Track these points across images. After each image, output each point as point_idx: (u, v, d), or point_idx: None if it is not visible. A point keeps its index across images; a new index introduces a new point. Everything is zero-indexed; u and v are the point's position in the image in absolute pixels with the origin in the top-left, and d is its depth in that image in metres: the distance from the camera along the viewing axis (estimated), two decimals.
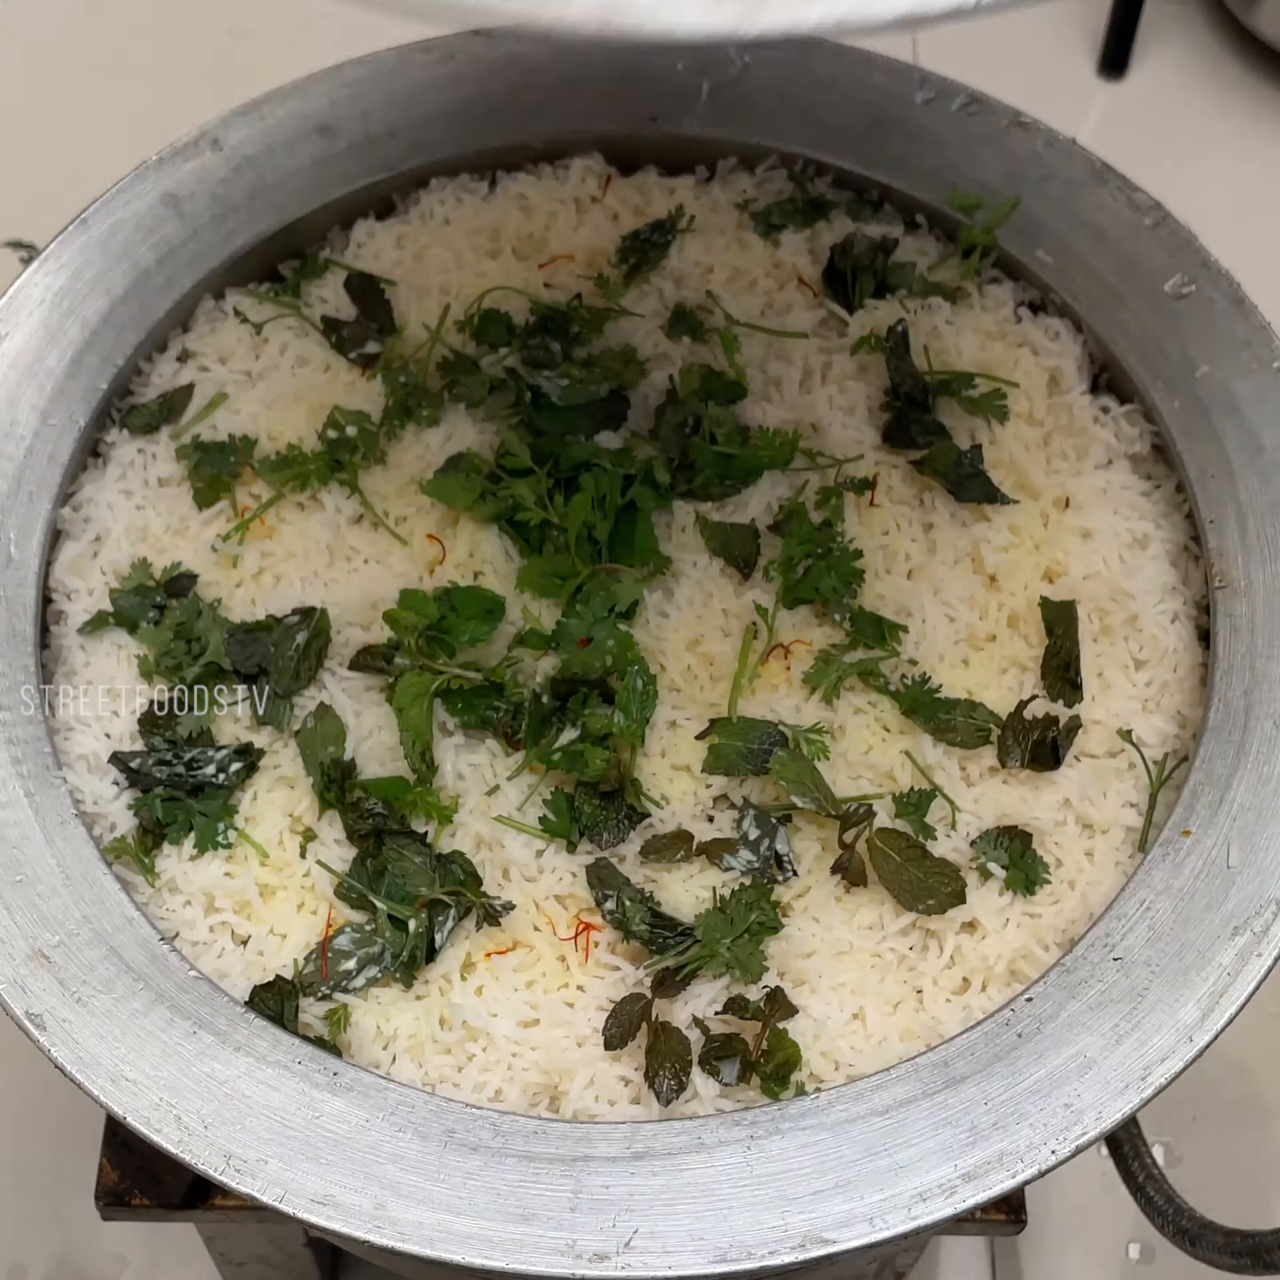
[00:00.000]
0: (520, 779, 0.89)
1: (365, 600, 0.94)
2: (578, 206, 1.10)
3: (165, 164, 1.07)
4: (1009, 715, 0.90)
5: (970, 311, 1.06)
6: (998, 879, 0.87)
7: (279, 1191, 0.76)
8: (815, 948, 0.85)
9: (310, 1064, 0.79)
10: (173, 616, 0.94)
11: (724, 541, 0.95)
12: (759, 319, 1.05)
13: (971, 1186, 0.76)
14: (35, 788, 0.87)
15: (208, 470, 0.99)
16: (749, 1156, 0.77)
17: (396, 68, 1.12)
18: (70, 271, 1.03)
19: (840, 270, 1.06)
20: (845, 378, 1.02)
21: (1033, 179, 1.07)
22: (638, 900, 0.85)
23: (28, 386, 0.99)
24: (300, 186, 1.08)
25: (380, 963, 0.85)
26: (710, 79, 1.11)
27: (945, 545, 0.97)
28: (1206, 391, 0.99)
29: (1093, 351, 1.05)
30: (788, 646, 0.93)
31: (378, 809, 0.87)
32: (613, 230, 1.09)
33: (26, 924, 0.83)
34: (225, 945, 0.87)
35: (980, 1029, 0.81)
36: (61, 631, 0.96)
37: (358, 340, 1.05)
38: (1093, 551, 0.97)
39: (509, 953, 0.86)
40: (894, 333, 1.02)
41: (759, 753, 0.87)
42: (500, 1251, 0.74)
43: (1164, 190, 1.07)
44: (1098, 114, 1.96)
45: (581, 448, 0.97)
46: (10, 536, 0.95)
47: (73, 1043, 0.79)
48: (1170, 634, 0.95)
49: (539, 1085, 0.83)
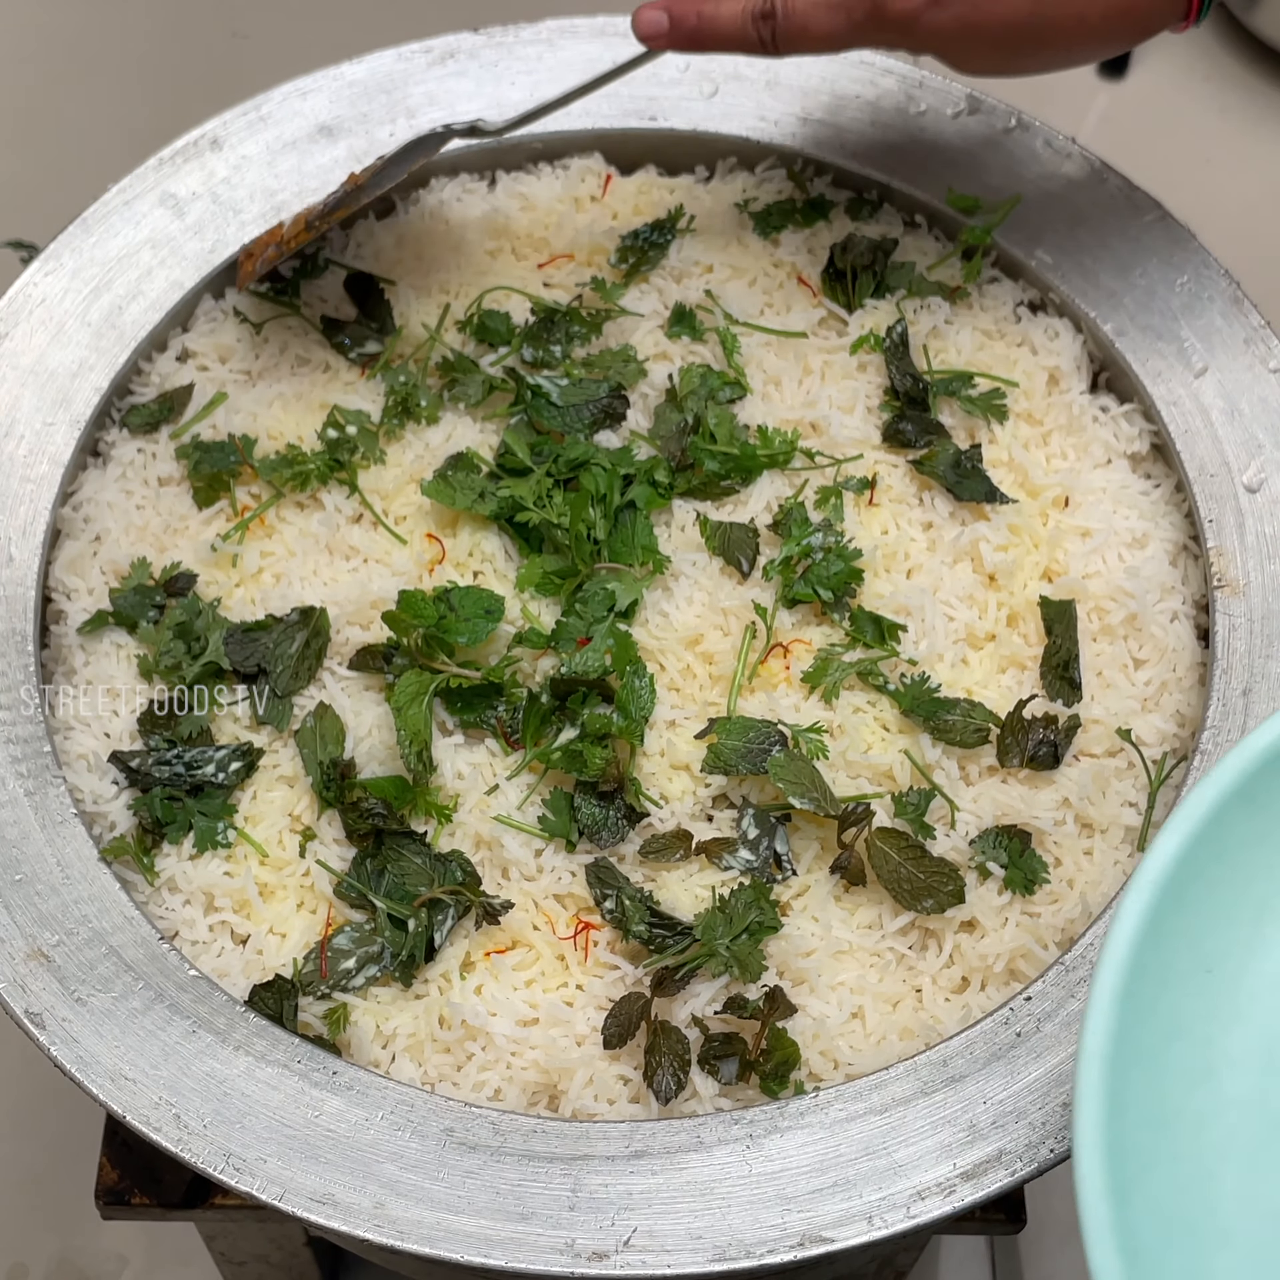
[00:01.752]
0: (519, 778, 0.89)
1: (365, 600, 0.94)
2: (577, 206, 1.11)
3: (165, 164, 1.07)
4: (1008, 715, 0.90)
5: (970, 311, 1.06)
6: (997, 878, 0.87)
7: (278, 1190, 0.76)
8: (814, 947, 0.85)
9: (309, 1063, 0.79)
10: (172, 616, 0.94)
11: (724, 541, 0.96)
12: (758, 318, 1.05)
13: (970, 1185, 0.76)
14: (35, 787, 0.87)
15: (207, 470, 0.99)
16: (748, 1155, 0.77)
17: (396, 68, 1.12)
18: (70, 271, 1.03)
19: (840, 270, 1.06)
20: (844, 377, 1.03)
21: (1033, 179, 1.08)
22: (637, 899, 0.85)
23: (28, 386, 0.99)
24: (300, 186, 1.08)
25: (379, 962, 0.85)
26: (710, 79, 1.11)
27: (944, 544, 0.97)
28: (1206, 391, 1.00)
29: (1092, 351, 1.05)
30: (787, 646, 0.93)
31: (377, 808, 0.87)
32: (613, 229, 1.09)
33: (26, 923, 0.83)
34: (225, 944, 0.87)
35: (979, 1028, 0.81)
36: (61, 631, 0.96)
37: (358, 340, 1.05)
38: (1092, 551, 0.97)
39: (508, 952, 0.86)
40: (893, 333, 1.02)
41: (758, 752, 0.87)
42: (499, 1250, 0.74)
43: (1164, 190, 1.07)
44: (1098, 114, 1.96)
45: (581, 447, 0.97)
46: (10, 536, 0.95)
47: (72, 1042, 0.79)
48: (1169, 633, 0.95)
49: (538, 1084, 0.83)
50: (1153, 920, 0.68)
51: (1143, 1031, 0.67)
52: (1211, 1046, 0.69)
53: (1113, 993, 0.66)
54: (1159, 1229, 0.64)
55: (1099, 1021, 0.66)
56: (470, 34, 1.13)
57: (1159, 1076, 0.67)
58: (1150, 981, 0.67)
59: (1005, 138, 1.09)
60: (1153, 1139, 0.66)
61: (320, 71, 1.11)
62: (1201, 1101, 0.68)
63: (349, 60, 1.12)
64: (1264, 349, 1.00)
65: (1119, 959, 0.67)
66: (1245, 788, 0.70)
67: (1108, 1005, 0.66)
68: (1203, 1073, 0.68)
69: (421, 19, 1.15)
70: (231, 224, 1.06)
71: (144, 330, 1.03)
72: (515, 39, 1.13)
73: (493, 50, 1.12)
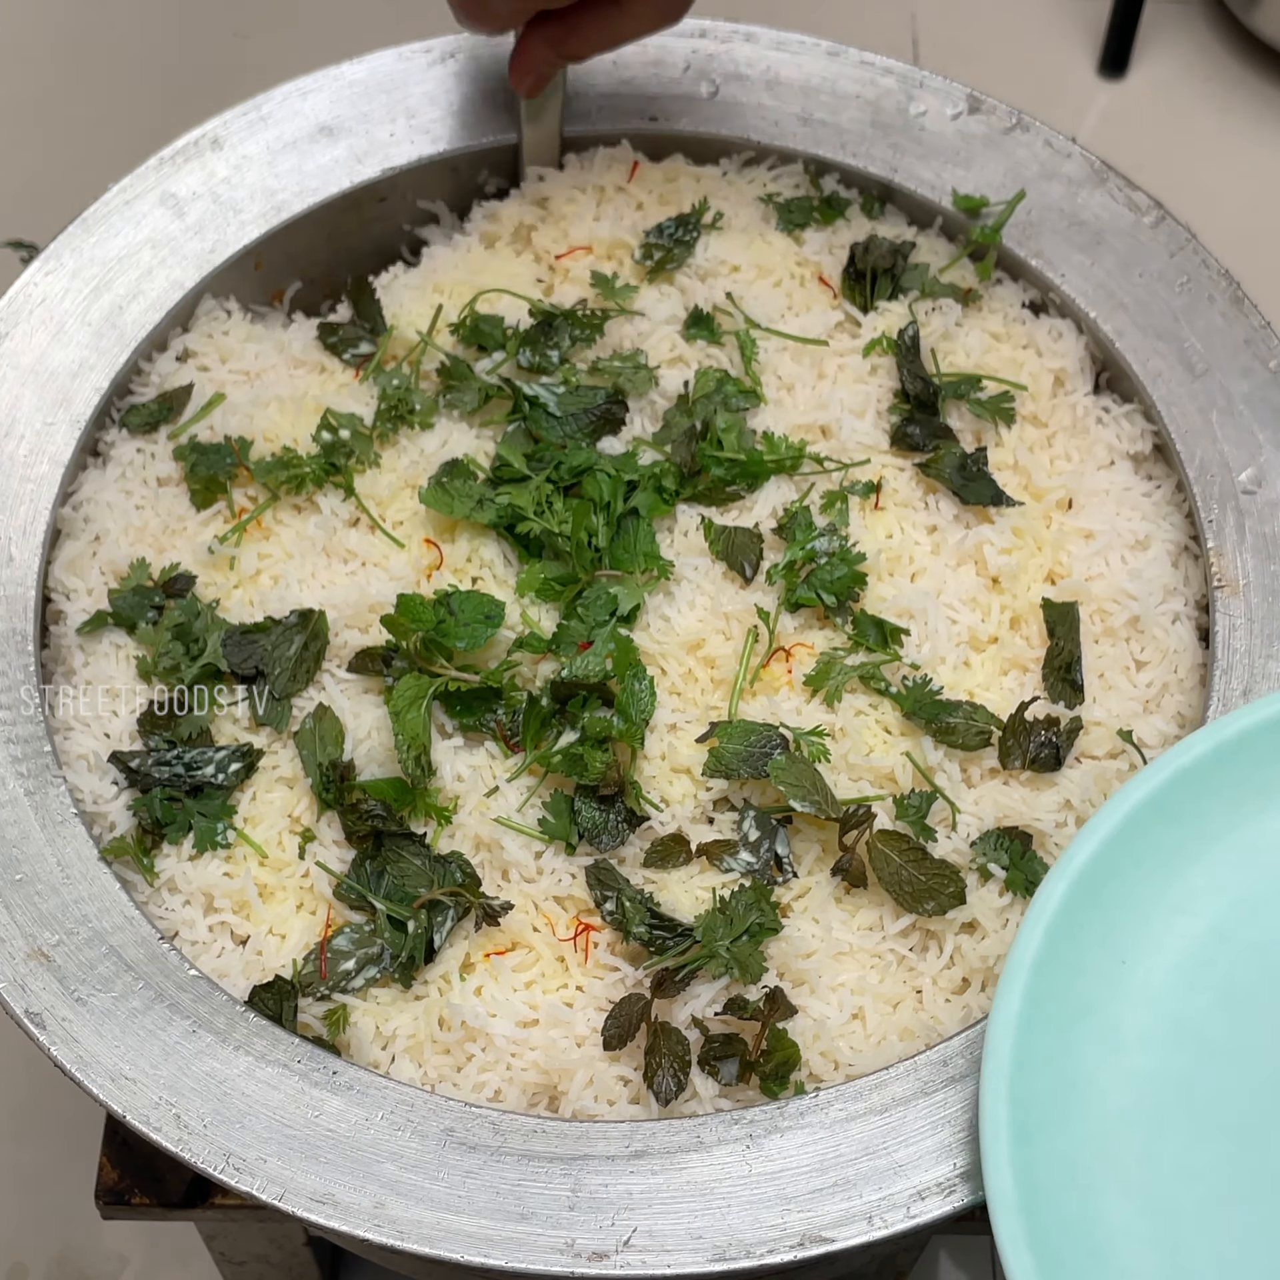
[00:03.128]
0: (520, 780, 0.89)
1: (363, 603, 0.93)
2: (601, 196, 1.10)
3: (165, 164, 1.07)
4: (1010, 717, 0.90)
5: (978, 313, 1.06)
6: (998, 880, 0.87)
7: (278, 1190, 0.76)
8: (815, 948, 0.85)
9: (309, 1063, 0.79)
10: (171, 617, 0.94)
11: (727, 545, 0.95)
12: (779, 321, 1.04)
13: (970, 1185, 0.76)
14: (35, 787, 0.87)
15: (204, 472, 0.99)
16: (748, 1155, 0.77)
17: (396, 68, 1.12)
18: (70, 271, 1.03)
19: (860, 270, 1.05)
20: (856, 380, 1.02)
21: (1033, 179, 1.07)
22: (637, 901, 0.85)
23: (28, 386, 0.99)
24: (300, 186, 1.08)
25: (379, 963, 0.85)
26: (710, 80, 1.11)
27: (948, 548, 0.97)
28: (1206, 391, 0.99)
29: (1093, 351, 1.05)
30: (789, 649, 0.93)
31: (376, 810, 0.87)
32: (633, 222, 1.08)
33: (26, 923, 0.83)
34: (224, 945, 0.87)
35: (979, 1028, 0.81)
36: (60, 631, 0.96)
37: (350, 341, 1.04)
38: (1095, 553, 0.97)
39: (508, 953, 0.86)
40: (905, 335, 1.02)
41: (759, 756, 0.87)
42: (499, 1250, 0.74)
43: (1164, 190, 1.07)
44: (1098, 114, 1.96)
45: (584, 454, 0.97)
46: (10, 536, 0.95)
47: (72, 1041, 0.79)
48: (1171, 635, 0.95)
49: (538, 1085, 0.83)
50: (1066, 910, 0.77)
51: (1054, 1006, 0.76)
52: (1120, 1027, 0.77)
53: (1027, 966, 0.76)
54: (1056, 1172, 0.73)
55: (1012, 986, 0.75)
56: (470, 34, 1.13)
57: (1067, 1046, 0.76)
58: (1064, 966, 0.76)
59: (1005, 138, 1.09)
60: (1057, 1098, 0.74)
61: (320, 71, 1.11)
62: (1109, 1073, 0.76)
63: (349, 60, 1.11)
64: (1264, 349, 1.00)
65: (1034, 936, 0.76)
66: (1161, 800, 0.79)
67: (1022, 977, 0.75)
68: (1111, 1049, 0.76)
69: (421, 19, 1.15)
70: (232, 224, 1.06)
71: (144, 330, 1.03)
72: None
73: (493, 50, 1.12)
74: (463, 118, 1.10)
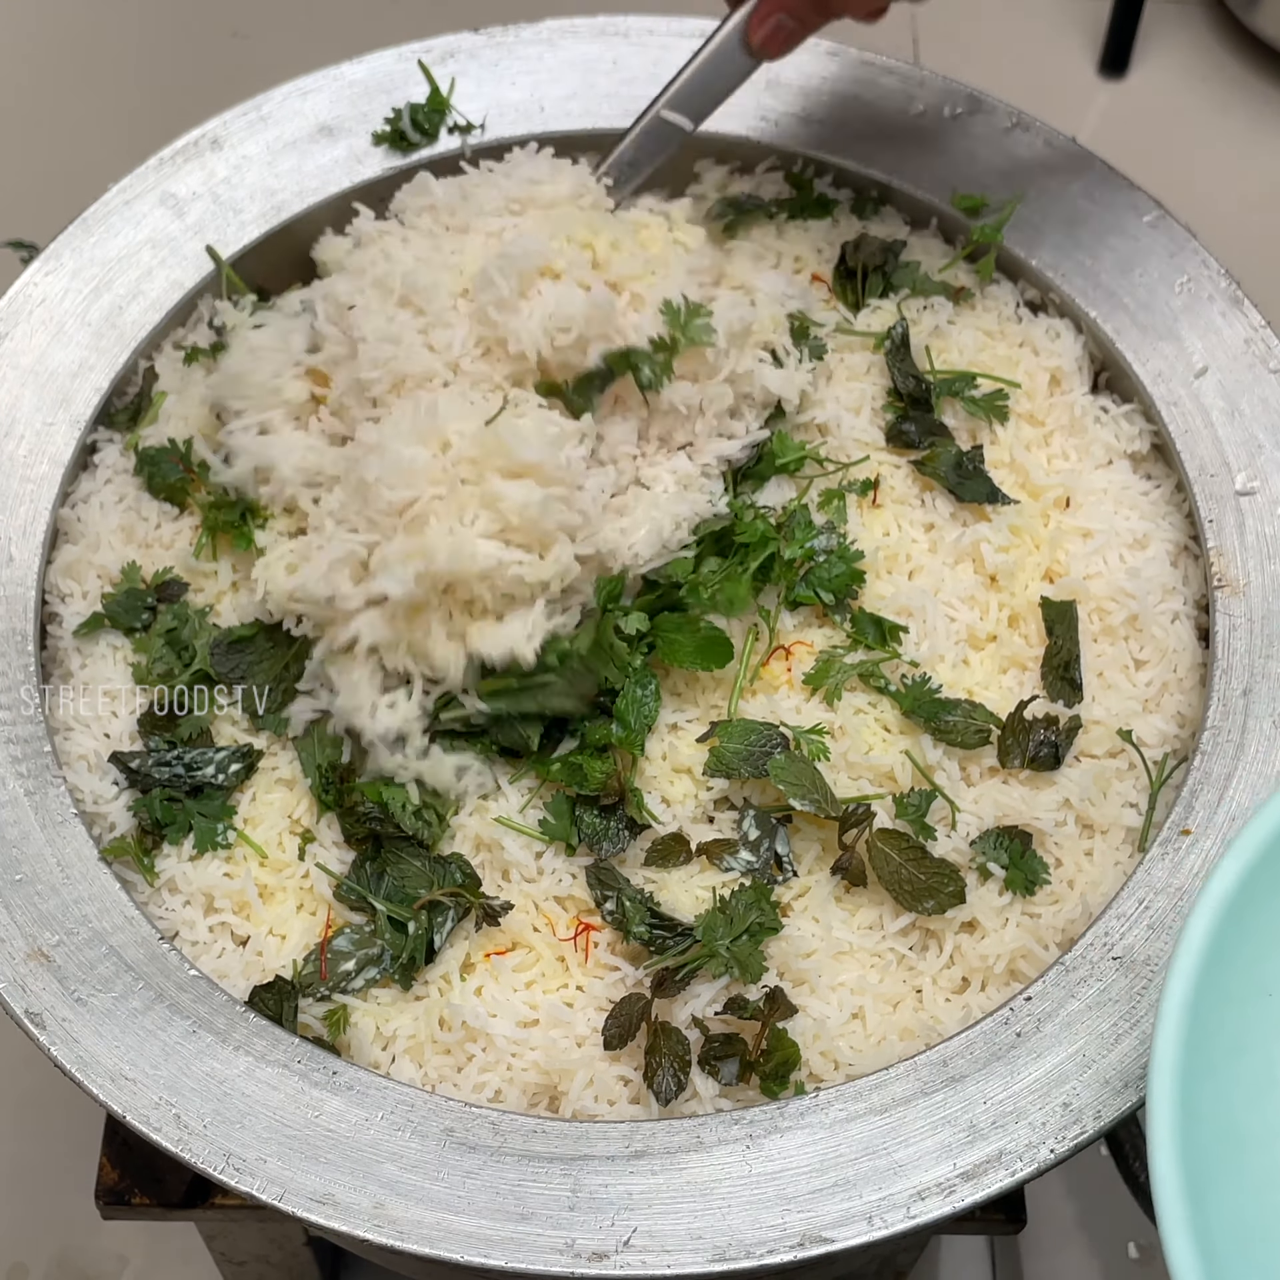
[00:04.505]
0: (521, 781, 0.89)
1: None
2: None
3: (165, 164, 1.07)
4: (1009, 716, 0.90)
5: (972, 312, 1.06)
6: (997, 879, 0.87)
7: (278, 1190, 0.76)
8: (815, 948, 0.85)
9: (309, 1063, 0.79)
10: (163, 622, 0.93)
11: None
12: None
13: (970, 1185, 0.76)
14: (35, 787, 0.87)
15: (160, 482, 0.97)
16: (748, 1155, 0.77)
17: (396, 68, 1.12)
18: (70, 271, 1.03)
19: (851, 268, 1.06)
20: (850, 378, 1.02)
21: (1033, 179, 1.07)
22: (637, 901, 0.85)
23: (28, 386, 0.99)
24: (300, 186, 1.08)
25: (379, 964, 0.85)
26: None
27: (946, 545, 0.97)
28: (1206, 391, 0.99)
29: (1092, 351, 1.05)
30: (789, 648, 0.93)
31: (375, 813, 0.87)
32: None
33: (26, 923, 0.83)
34: (225, 945, 0.87)
35: (979, 1028, 0.81)
36: (58, 632, 0.96)
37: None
38: (1093, 551, 0.97)
39: (508, 953, 0.86)
40: (893, 334, 1.02)
41: (759, 755, 0.87)
42: (499, 1250, 0.74)
43: (1164, 190, 1.07)
44: (1098, 114, 1.96)
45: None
46: (10, 536, 0.95)
47: (72, 1042, 0.79)
48: (1170, 634, 0.95)
49: (538, 1085, 0.83)
50: (1215, 940, 0.69)
51: (1210, 1046, 0.68)
52: (1274, 1064, 0.70)
53: (1182, 1003, 0.67)
54: (1235, 1233, 0.66)
55: (1170, 1030, 0.67)
56: (470, 34, 1.13)
57: (1227, 1089, 0.68)
58: (1215, 998, 0.69)
59: (1005, 138, 1.09)
60: (1225, 1147, 0.67)
61: (320, 71, 1.11)
62: (1268, 1114, 0.69)
63: (349, 60, 1.12)
64: (1264, 349, 1.00)
65: (1188, 970, 0.68)
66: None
67: (1178, 1015, 0.67)
68: (1267, 1087, 0.70)
69: (421, 19, 1.15)
70: (231, 224, 1.06)
71: (144, 330, 1.03)
72: (515, 39, 1.13)
73: (493, 50, 1.12)
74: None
